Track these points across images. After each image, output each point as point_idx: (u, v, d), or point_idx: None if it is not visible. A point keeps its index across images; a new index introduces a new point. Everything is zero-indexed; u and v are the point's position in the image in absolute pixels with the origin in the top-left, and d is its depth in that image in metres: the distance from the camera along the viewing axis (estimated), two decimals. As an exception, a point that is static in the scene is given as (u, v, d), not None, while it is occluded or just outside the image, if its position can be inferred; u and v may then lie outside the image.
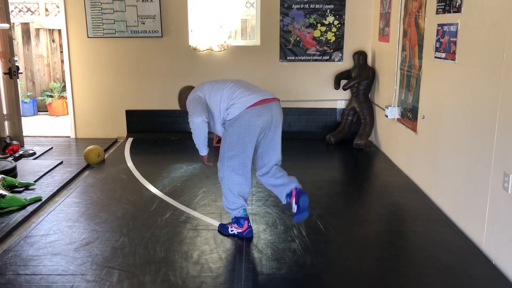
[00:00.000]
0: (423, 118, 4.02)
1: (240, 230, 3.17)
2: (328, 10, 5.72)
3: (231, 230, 3.19)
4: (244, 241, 3.14)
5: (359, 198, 4.05)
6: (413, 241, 3.18)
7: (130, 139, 5.92)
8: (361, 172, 4.81)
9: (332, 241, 3.15)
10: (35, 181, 4.24)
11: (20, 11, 7.87)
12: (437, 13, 3.70)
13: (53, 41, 7.92)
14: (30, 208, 3.65)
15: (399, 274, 2.77)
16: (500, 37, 2.75)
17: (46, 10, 7.88)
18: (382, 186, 4.29)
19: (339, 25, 5.76)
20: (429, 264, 2.84)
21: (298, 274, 2.73)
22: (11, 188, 3.97)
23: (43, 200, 3.82)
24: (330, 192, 4.12)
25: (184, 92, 3.34)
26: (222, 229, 3.26)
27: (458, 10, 3.31)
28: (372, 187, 4.35)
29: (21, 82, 7.77)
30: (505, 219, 2.71)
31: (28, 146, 5.50)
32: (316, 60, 5.88)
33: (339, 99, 5.97)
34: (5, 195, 3.58)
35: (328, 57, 5.87)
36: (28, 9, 7.87)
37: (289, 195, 3.09)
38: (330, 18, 5.74)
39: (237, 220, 3.17)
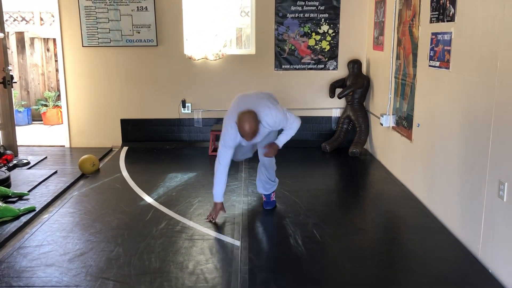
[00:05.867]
0: (418, 126, 4.04)
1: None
2: (323, 19, 5.75)
3: (274, 199, 3.92)
4: (240, 250, 3.12)
5: (355, 206, 4.04)
6: (409, 249, 3.17)
7: (125, 148, 5.90)
8: (356, 180, 4.81)
9: (328, 250, 3.14)
10: (29, 191, 4.21)
11: (14, 20, 7.86)
12: (431, 22, 3.73)
13: (48, 50, 7.91)
14: (23, 219, 3.62)
15: (395, 282, 2.76)
16: (494, 46, 2.77)
17: (41, 19, 7.88)
18: (377, 194, 4.29)
19: (334, 34, 5.79)
20: (425, 272, 2.83)
21: (294, 284, 2.72)
22: (4, 198, 3.94)
23: (37, 211, 3.79)
24: (326, 201, 4.12)
25: (256, 118, 3.23)
26: (270, 204, 3.86)
27: (451, 19, 3.34)
28: (368, 195, 4.34)
29: (15, 91, 7.74)
30: (501, 227, 2.71)
31: (22, 156, 5.47)
32: (311, 68, 5.90)
33: (334, 108, 5.98)
34: (-2, 206, 3.55)
35: (323, 66, 5.89)
36: (23, 18, 7.87)
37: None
38: (325, 27, 5.77)
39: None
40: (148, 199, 4.10)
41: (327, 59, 5.86)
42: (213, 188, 3.54)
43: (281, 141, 3.51)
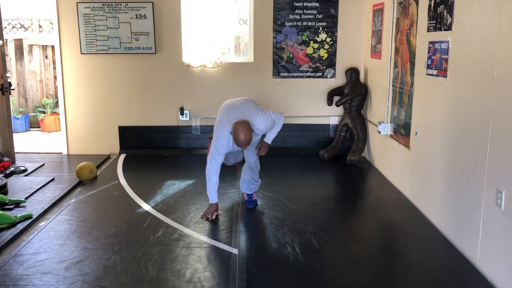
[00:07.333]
0: (416, 134, 4.04)
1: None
2: (321, 28, 5.78)
3: (255, 198, 4.12)
4: (237, 258, 3.11)
5: (352, 214, 4.04)
6: (407, 257, 3.17)
7: (122, 155, 5.89)
8: (354, 188, 4.81)
9: (326, 258, 3.13)
10: (26, 198, 4.19)
11: (13, 27, 7.88)
12: (428, 30, 3.75)
13: (46, 57, 7.92)
14: (20, 226, 3.60)
15: (393, 291, 2.75)
16: (491, 55, 2.79)
17: (40, 26, 7.90)
18: (375, 202, 4.29)
19: (332, 42, 5.82)
20: (423, 281, 2.82)
21: (292, 292, 2.71)
22: (1, 205, 3.92)
23: (33, 218, 3.77)
24: (324, 209, 4.11)
25: (249, 128, 3.48)
26: (252, 203, 4.05)
27: (449, 28, 3.36)
28: (366, 203, 4.34)
29: (13, 98, 7.74)
30: (499, 235, 2.70)
31: (20, 163, 5.45)
32: (309, 76, 5.91)
33: (332, 115, 5.99)
34: (-5, 213, 3.53)
35: (320, 74, 5.91)
36: (22, 26, 7.88)
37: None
38: (323, 35, 5.80)
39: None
40: (146, 207, 4.09)
41: (325, 67, 5.88)
42: (207, 191, 3.80)
43: (270, 139, 3.81)
